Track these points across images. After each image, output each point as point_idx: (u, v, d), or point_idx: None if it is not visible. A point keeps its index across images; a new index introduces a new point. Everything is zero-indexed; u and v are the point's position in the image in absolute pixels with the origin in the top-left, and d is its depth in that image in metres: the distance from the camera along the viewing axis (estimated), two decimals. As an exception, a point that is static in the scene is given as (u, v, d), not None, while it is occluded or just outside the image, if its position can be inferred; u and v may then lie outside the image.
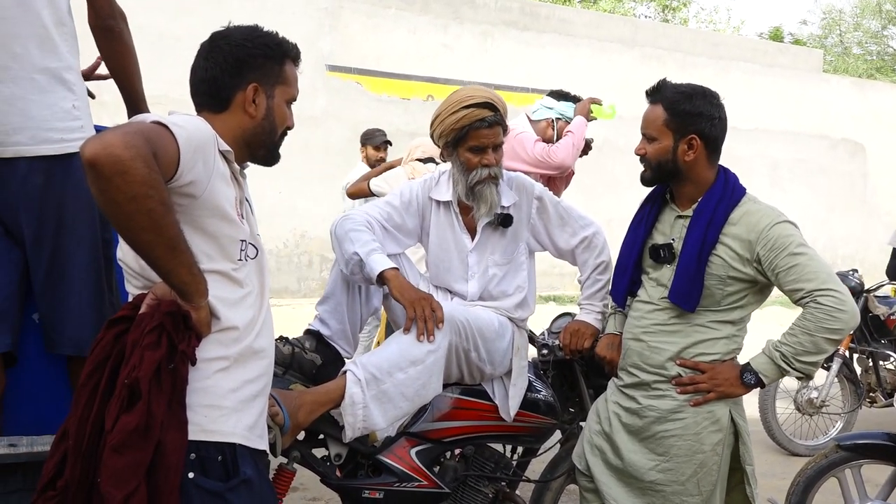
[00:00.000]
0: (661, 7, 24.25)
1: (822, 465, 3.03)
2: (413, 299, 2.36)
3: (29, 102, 2.08)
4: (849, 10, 27.60)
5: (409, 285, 2.41)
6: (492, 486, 2.64)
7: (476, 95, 2.53)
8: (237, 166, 1.72)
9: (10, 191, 2.09)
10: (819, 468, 3.04)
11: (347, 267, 2.46)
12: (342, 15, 9.46)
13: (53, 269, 2.14)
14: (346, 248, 2.45)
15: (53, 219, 2.12)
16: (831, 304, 2.16)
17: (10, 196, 2.10)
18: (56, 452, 1.57)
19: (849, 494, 3.03)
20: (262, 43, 1.75)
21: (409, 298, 2.36)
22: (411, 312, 2.34)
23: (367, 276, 2.41)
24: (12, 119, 2.07)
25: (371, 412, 2.31)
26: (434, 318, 2.35)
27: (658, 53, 11.64)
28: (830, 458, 3.03)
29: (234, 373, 1.66)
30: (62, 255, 2.14)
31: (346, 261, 2.45)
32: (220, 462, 1.61)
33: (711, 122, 2.29)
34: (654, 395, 2.35)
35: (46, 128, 2.09)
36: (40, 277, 2.14)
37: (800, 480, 3.08)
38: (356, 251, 2.42)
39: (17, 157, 2.07)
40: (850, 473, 3.04)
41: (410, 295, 2.37)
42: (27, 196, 2.09)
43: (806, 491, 3.06)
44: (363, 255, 2.40)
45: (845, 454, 3.00)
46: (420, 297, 2.37)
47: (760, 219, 2.26)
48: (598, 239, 2.71)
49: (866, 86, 14.69)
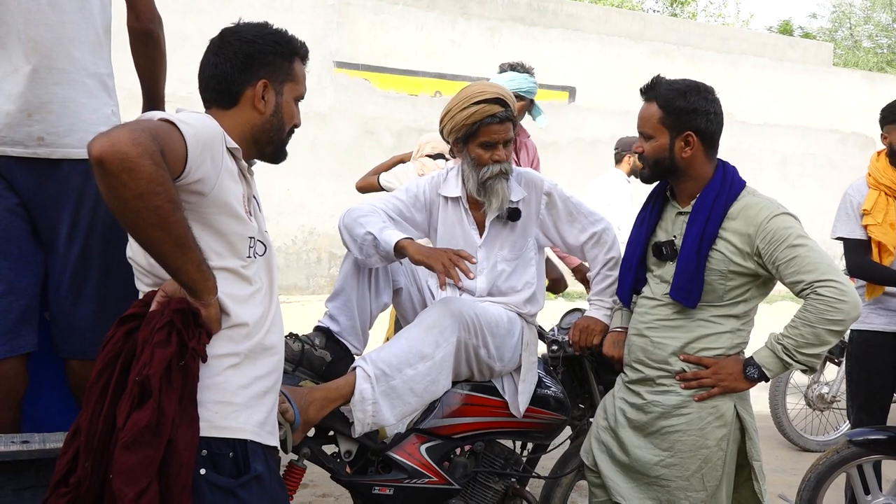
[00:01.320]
0: (670, 1, 24.15)
1: (835, 461, 3.02)
2: (433, 253, 2.33)
3: (80, 106, 2.12)
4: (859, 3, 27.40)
5: (426, 247, 2.39)
6: (502, 482, 2.64)
7: (487, 91, 2.53)
8: (245, 163, 1.73)
9: (48, 192, 2.11)
10: (831, 463, 3.03)
11: (362, 251, 2.44)
12: (350, 12, 9.45)
13: (78, 272, 2.15)
14: (357, 231, 2.44)
15: (87, 221, 2.14)
16: (832, 295, 2.15)
17: (47, 196, 2.12)
18: (68, 449, 1.57)
19: (860, 490, 3.02)
20: (272, 40, 1.76)
21: (430, 254, 2.33)
22: (438, 266, 2.30)
23: (384, 251, 2.39)
24: (66, 121, 2.10)
25: (381, 408, 2.32)
26: (461, 265, 2.30)
27: (667, 48, 11.58)
28: (843, 454, 3.01)
29: (244, 369, 1.66)
30: (90, 258, 2.16)
31: (360, 245, 2.44)
32: (231, 458, 1.62)
33: (707, 118, 2.28)
34: (659, 391, 2.35)
35: (92, 131, 2.11)
36: (65, 279, 2.15)
37: (811, 476, 3.06)
38: (369, 231, 2.41)
39: (62, 160, 2.10)
40: (863, 469, 3.02)
41: (430, 252, 2.35)
42: (66, 197, 2.12)
43: (818, 486, 3.05)
44: (376, 232, 2.40)
45: (857, 450, 2.98)
46: (440, 250, 2.35)
47: (759, 212, 2.25)
48: (608, 235, 2.71)
49: (877, 79, 14.58)
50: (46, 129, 2.08)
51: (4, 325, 2.09)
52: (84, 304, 2.17)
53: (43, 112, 2.08)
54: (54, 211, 2.12)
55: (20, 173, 2.09)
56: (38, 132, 2.07)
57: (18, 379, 2.13)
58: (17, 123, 2.06)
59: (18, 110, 2.06)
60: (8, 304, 2.10)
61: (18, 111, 2.06)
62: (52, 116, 2.09)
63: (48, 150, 2.08)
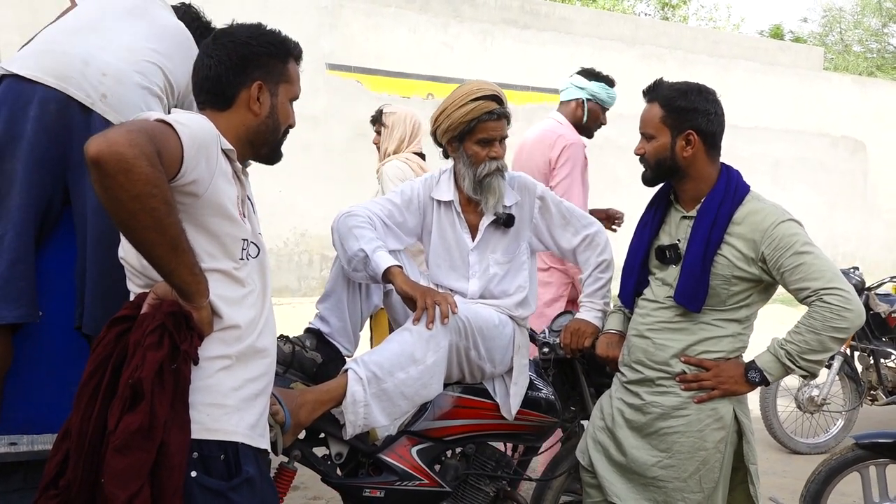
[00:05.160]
0: (661, 5, 24.22)
1: (848, 458, 3.00)
2: (419, 290, 2.38)
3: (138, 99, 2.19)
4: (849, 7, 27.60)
5: (412, 282, 2.43)
6: (493, 484, 2.64)
7: (483, 88, 2.55)
8: (239, 165, 1.72)
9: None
10: (843, 461, 3.01)
11: (350, 264, 2.46)
12: (342, 14, 9.45)
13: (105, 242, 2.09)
14: (351, 245, 2.45)
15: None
16: (838, 303, 2.16)
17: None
18: (58, 451, 1.57)
19: (869, 492, 3.00)
20: (266, 41, 1.76)
21: (415, 290, 2.37)
22: (420, 303, 2.35)
23: (373, 272, 2.41)
24: (128, 98, 2.16)
25: (372, 410, 2.31)
26: (443, 307, 2.36)
27: (658, 52, 11.63)
28: (846, 457, 3.00)
29: (236, 371, 1.66)
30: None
31: (350, 258, 2.45)
32: (222, 461, 1.61)
33: (708, 118, 2.29)
34: (658, 392, 2.36)
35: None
36: (95, 249, 2.12)
37: (822, 470, 3.05)
38: (361, 247, 2.42)
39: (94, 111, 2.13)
40: (874, 471, 3.00)
41: (416, 288, 2.39)
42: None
43: (826, 481, 3.03)
44: (369, 251, 2.41)
45: (861, 453, 2.97)
46: (427, 290, 2.40)
47: (765, 218, 2.25)
48: (600, 237, 2.71)
49: (867, 83, 14.68)
50: (112, 93, 2.14)
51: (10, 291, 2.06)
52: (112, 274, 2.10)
53: (115, 81, 2.16)
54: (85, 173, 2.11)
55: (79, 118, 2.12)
56: (104, 91, 2.14)
57: (2, 351, 2.09)
58: (91, 75, 2.13)
59: (95, 67, 2.15)
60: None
61: (95, 68, 2.14)
62: (121, 87, 2.16)
63: (105, 108, 2.13)
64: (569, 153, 3.61)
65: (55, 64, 2.14)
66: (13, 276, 2.05)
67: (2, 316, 2.04)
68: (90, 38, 2.21)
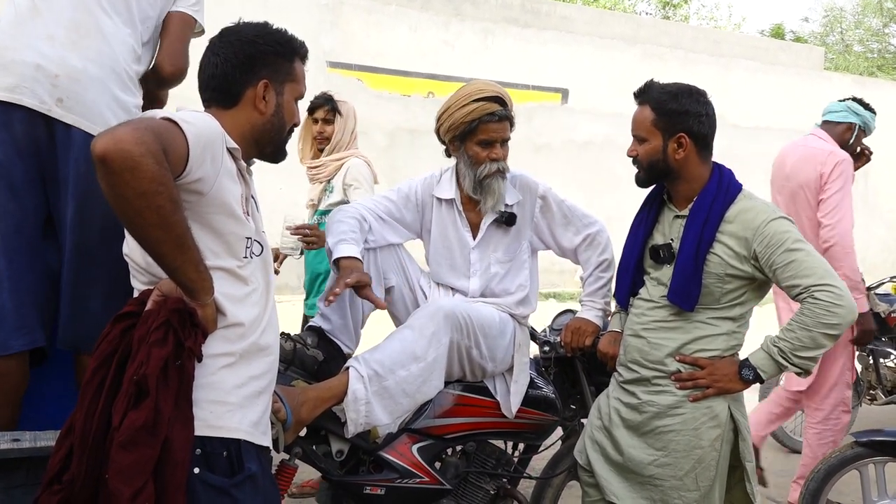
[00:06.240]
0: (662, 4, 24.23)
1: (847, 456, 3.01)
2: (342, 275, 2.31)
3: (107, 87, 2.12)
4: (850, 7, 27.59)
5: (352, 269, 2.35)
6: (493, 482, 2.65)
7: (486, 89, 2.55)
8: (244, 163, 1.73)
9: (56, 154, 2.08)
10: (843, 459, 3.02)
11: (330, 259, 2.47)
12: (343, 11, 9.45)
13: (84, 258, 2.09)
14: (328, 240, 2.48)
15: (100, 204, 2.03)
16: (828, 300, 2.17)
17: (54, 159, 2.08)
18: (62, 447, 1.57)
19: (868, 490, 3.01)
20: (273, 40, 1.77)
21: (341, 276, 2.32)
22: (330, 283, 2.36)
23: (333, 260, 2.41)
24: (89, 95, 2.09)
25: (373, 408, 2.32)
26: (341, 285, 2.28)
27: (659, 51, 11.62)
28: (846, 455, 3.01)
29: (239, 369, 1.66)
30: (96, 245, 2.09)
31: (328, 253, 2.47)
32: (225, 458, 1.62)
33: (699, 120, 2.30)
34: (654, 391, 2.37)
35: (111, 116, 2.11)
36: (72, 265, 2.10)
37: (821, 468, 3.06)
38: (331, 239, 2.45)
39: (74, 127, 2.07)
40: (873, 469, 3.01)
41: (342, 274, 2.32)
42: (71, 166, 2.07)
43: (825, 480, 3.04)
44: (331, 244, 2.43)
45: (861, 451, 2.98)
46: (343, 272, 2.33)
47: (756, 216, 2.27)
48: (602, 237, 2.72)
49: (867, 83, 14.67)
50: (68, 95, 2.07)
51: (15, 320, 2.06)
52: (93, 293, 2.11)
53: (69, 80, 2.07)
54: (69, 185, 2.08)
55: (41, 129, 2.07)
56: (60, 94, 2.06)
57: (20, 375, 2.11)
58: (43, 80, 2.05)
59: (46, 70, 2.06)
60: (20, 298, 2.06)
61: (46, 71, 2.06)
62: (77, 86, 2.08)
63: (62, 113, 2.06)
64: (841, 168, 3.80)
65: (6, 75, 2.04)
66: (16, 305, 2.05)
67: (9, 345, 2.05)
68: (36, 28, 2.08)
